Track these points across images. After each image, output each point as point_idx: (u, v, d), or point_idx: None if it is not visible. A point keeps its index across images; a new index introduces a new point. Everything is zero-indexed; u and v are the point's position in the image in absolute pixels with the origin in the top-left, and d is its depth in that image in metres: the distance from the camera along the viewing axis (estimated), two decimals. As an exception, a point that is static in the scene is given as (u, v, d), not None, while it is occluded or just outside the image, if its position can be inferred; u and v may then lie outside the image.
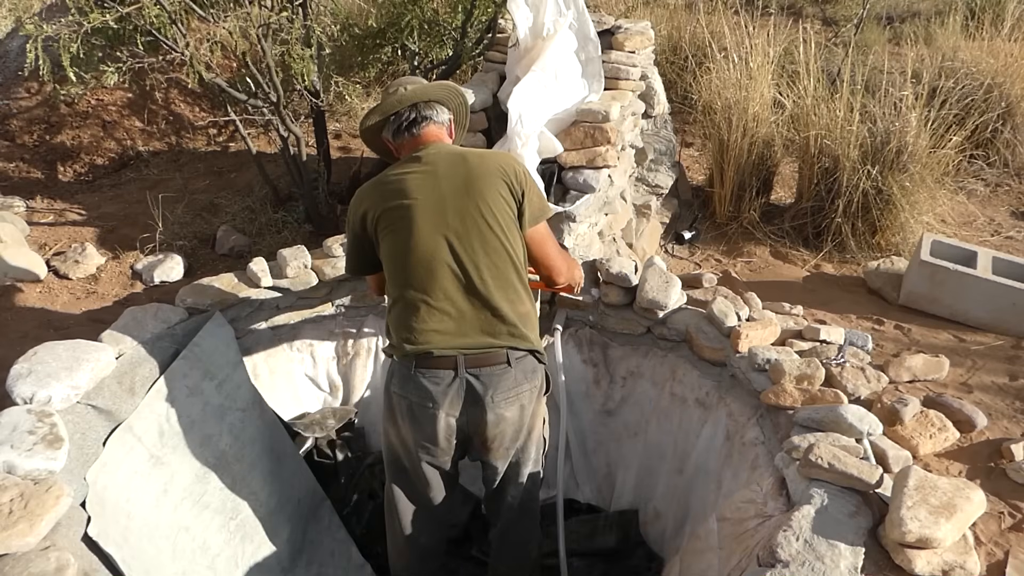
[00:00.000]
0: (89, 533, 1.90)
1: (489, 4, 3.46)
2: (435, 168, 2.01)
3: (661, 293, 2.68)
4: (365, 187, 2.10)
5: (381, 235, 2.03)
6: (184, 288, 2.78)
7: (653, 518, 2.81)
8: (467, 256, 1.96)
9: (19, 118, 4.52)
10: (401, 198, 1.99)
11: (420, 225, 1.96)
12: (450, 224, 1.96)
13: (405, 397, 2.01)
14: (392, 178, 2.04)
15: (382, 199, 2.02)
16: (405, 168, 2.04)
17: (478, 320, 1.97)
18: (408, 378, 1.99)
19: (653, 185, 3.68)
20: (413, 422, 2.02)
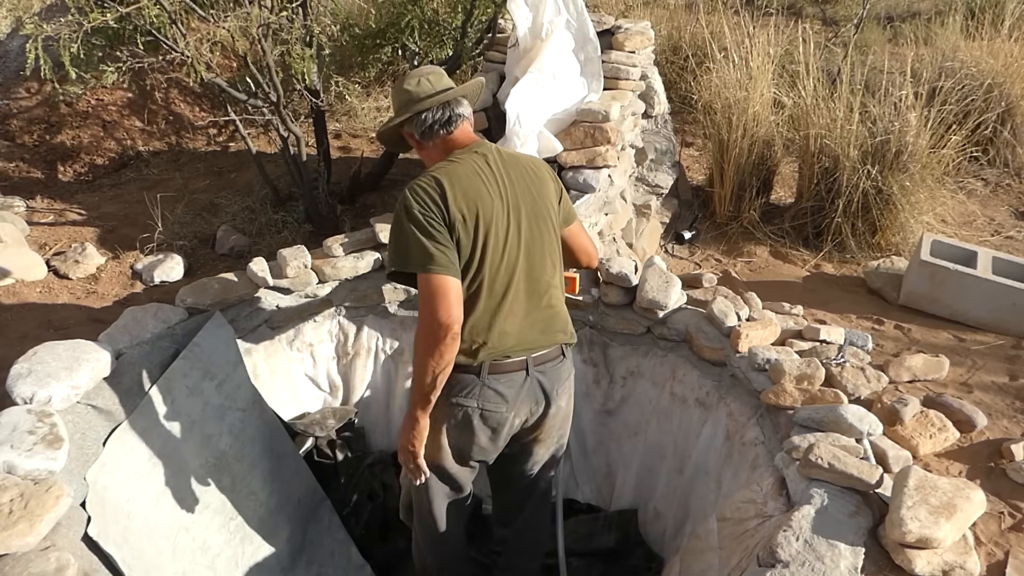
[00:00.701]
0: (89, 533, 1.90)
1: (489, 4, 3.46)
2: (505, 170, 1.94)
3: (661, 293, 2.68)
4: (446, 183, 1.83)
5: (475, 238, 1.84)
6: (184, 288, 2.78)
7: (653, 518, 2.81)
8: (537, 258, 1.96)
9: (19, 118, 4.52)
10: (488, 198, 1.87)
11: (507, 228, 1.89)
12: (523, 228, 1.93)
13: (469, 406, 1.96)
14: (471, 176, 1.87)
15: (475, 201, 1.84)
16: (475, 164, 1.90)
17: (541, 319, 1.99)
18: (477, 386, 1.94)
19: (653, 185, 3.68)
20: (476, 429, 2.00)
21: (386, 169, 4.02)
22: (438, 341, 1.76)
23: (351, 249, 3.01)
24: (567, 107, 3.00)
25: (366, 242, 3.05)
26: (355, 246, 3.02)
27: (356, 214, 3.73)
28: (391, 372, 3.10)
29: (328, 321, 3.03)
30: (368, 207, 3.82)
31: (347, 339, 3.06)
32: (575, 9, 3.06)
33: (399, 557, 2.97)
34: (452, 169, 1.88)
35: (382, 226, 3.05)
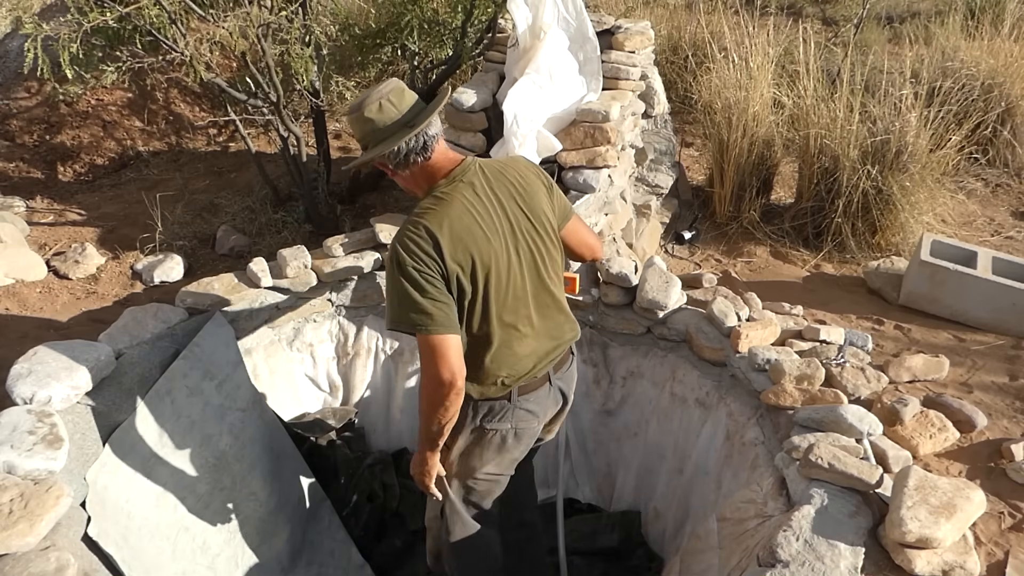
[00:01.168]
0: (89, 533, 1.91)
1: (489, 4, 3.45)
2: (495, 195, 1.85)
3: (661, 293, 2.68)
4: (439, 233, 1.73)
5: (475, 284, 1.79)
6: (184, 288, 2.78)
7: (653, 518, 2.82)
8: (541, 275, 1.93)
9: (19, 118, 4.52)
10: (485, 238, 1.79)
11: (508, 260, 1.84)
12: (522, 252, 1.88)
13: (503, 428, 2.00)
14: (462, 216, 1.78)
15: (470, 246, 1.76)
16: (465, 199, 1.80)
17: (551, 328, 1.99)
18: (509, 410, 1.97)
19: (653, 185, 3.68)
20: (510, 448, 2.05)
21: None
22: (443, 398, 1.75)
23: (351, 249, 3.01)
24: (566, 107, 3.00)
25: (366, 242, 3.05)
26: (355, 246, 3.02)
27: (356, 214, 3.73)
28: (391, 372, 3.10)
29: (328, 321, 3.03)
30: (368, 207, 3.82)
31: (347, 339, 3.06)
32: (574, 9, 3.05)
33: (397, 557, 2.98)
34: (442, 213, 1.76)
35: (382, 226, 3.05)
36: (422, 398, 1.78)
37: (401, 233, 1.76)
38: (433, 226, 1.74)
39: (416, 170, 1.85)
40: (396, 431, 3.16)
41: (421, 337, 1.72)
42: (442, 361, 1.72)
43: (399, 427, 3.14)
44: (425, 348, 1.73)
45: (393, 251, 1.75)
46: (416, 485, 2.06)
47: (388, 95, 1.80)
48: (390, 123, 1.80)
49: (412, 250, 1.72)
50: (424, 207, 1.81)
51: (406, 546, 3.01)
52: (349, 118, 1.86)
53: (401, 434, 3.15)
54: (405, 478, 3.09)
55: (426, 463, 1.95)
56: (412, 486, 3.04)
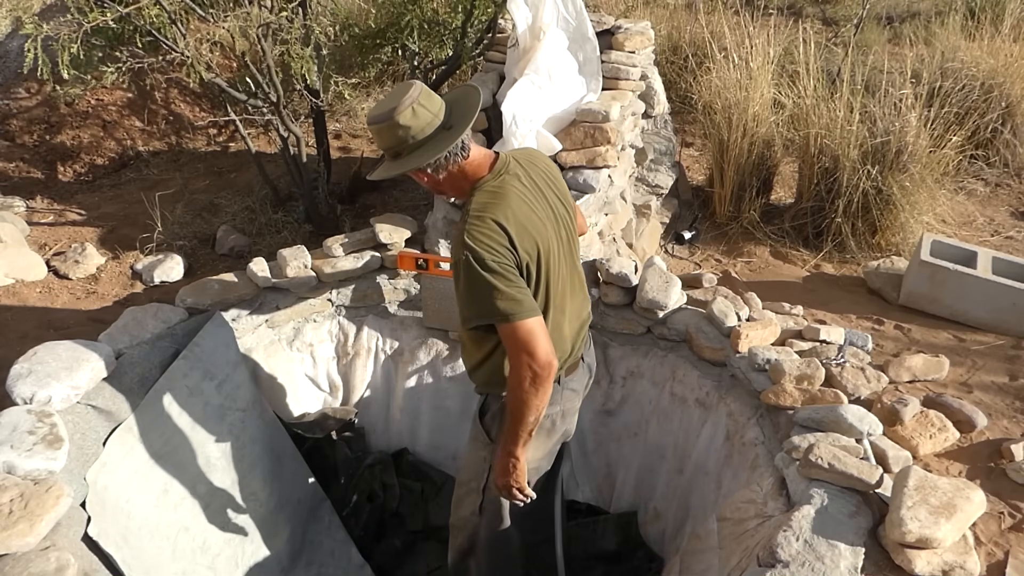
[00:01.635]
0: (89, 533, 1.91)
1: (489, 4, 3.45)
2: (532, 181, 1.89)
3: (661, 293, 2.68)
4: (507, 224, 1.75)
5: (539, 271, 1.83)
6: (184, 288, 2.78)
7: (653, 518, 2.81)
8: (572, 255, 1.99)
9: (19, 118, 4.52)
10: (542, 225, 1.84)
11: (557, 245, 1.88)
12: (560, 231, 1.92)
13: (554, 412, 2.01)
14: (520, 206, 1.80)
15: (532, 233, 1.80)
16: (517, 190, 1.82)
17: (578, 307, 2.04)
18: (557, 392, 1.99)
19: (653, 185, 3.68)
20: (558, 429, 2.07)
21: (386, 169, 4.02)
22: (544, 380, 1.74)
23: (351, 249, 3.01)
24: (565, 107, 3.00)
25: (366, 242, 3.05)
26: (355, 246, 3.02)
27: (356, 214, 3.73)
28: (391, 372, 3.10)
29: (328, 321, 3.03)
30: (368, 207, 3.82)
31: (347, 339, 3.06)
32: (574, 9, 3.05)
33: (397, 557, 2.98)
34: (503, 205, 1.77)
35: (382, 226, 3.05)
36: (519, 391, 1.75)
37: (471, 231, 1.73)
38: (500, 218, 1.74)
39: (455, 171, 1.82)
40: (396, 431, 3.16)
41: (513, 325, 1.71)
42: (539, 343, 1.72)
43: (399, 427, 3.14)
44: (520, 335, 1.72)
45: (468, 249, 1.71)
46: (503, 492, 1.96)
47: (418, 99, 1.75)
48: (428, 128, 1.77)
49: (488, 245, 1.72)
50: (482, 202, 1.79)
51: (406, 546, 3.01)
52: (378, 127, 1.77)
53: (401, 434, 3.15)
54: (405, 478, 3.09)
55: (519, 463, 1.89)
56: (412, 486, 3.07)
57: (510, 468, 1.90)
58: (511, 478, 1.91)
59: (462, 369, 3.00)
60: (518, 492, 1.95)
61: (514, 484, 1.93)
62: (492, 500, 2.13)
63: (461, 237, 1.74)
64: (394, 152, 1.81)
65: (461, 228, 1.76)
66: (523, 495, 1.96)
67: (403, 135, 1.75)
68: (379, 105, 1.80)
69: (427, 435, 3.13)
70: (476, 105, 1.83)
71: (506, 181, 1.82)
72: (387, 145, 1.81)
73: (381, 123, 1.76)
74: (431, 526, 3.03)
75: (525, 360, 1.72)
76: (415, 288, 3.08)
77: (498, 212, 1.75)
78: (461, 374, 3.01)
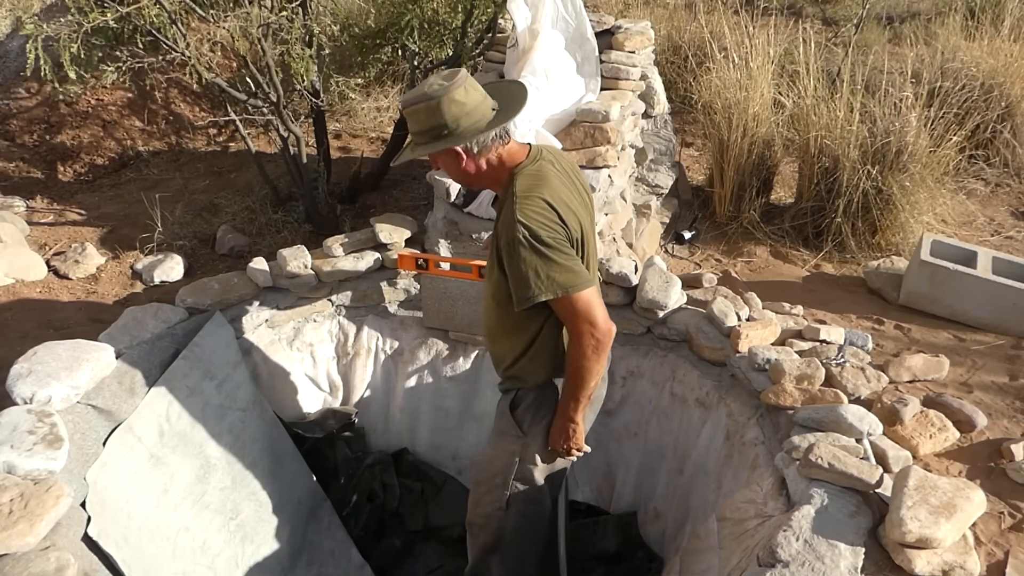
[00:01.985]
0: (89, 533, 1.91)
1: (489, 4, 3.45)
2: (563, 168, 1.96)
3: (661, 293, 2.68)
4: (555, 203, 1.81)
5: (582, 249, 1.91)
6: (184, 288, 2.78)
7: (653, 518, 2.81)
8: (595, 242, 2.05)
9: (19, 118, 4.52)
10: (580, 206, 1.93)
11: (592, 226, 1.98)
12: (592, 220, 2.01)
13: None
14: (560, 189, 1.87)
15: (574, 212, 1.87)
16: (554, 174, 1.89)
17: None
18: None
19: (653, 185, 3.68)
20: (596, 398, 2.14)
21: (386, 169, 4.02)
22: (606, 347, 1.84)
23: (351, 249, 3.01)
24: (564, 107, 3.00)
25: (366, 242, 3.05)
26: (355, 246, 3.02)
27: (356, 214, 3.73)
28: (391, 372, 3.10)
29: (328, 321, 3.03)
30: (368, 207, 3.82)
31: (347, 339, 3.06)
32: (573, 9, 3.05)
33: (397, 557, 2.98)
34: (547, 186, 1.83)
35: (382, 226, 3.05)
36: (583, 360, 1.83)
37: (523, 209, 1.77)
38: (548, 197, 1.80)
39: (494, 156, 1.85)
40: (396, 431, 3.16)
41: (572, 296, 1.77)
42: (598, 311, 1.80)
43: (399, 427, 3.14)
44: (580, 305, 1.78)
45: (524, 227, 1.75)
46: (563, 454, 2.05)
47: (467, 81, 1.78)
48: (481, 108, 1.80)
49: (542, 222, 1.77)
50: (526, 184, 1.83)
51: (406, 546, 3.01)
52: (427, 105, 1.76)
53: (401, 434, 3.15)
54: (405, 478, 3.09)
55: (578, 427, 1.98)
56: (412, 486, 3.07)
57: (571, 432, 1.99)
58: (572, 441, 2.01)
59: (462, 369, 3.00)
60: (576, 452, 2.05)
61: (574, 446, 2.02)
62: (519, 494, 2.13)
63: (512, 217, 1.77)
64: (437, 132, 1.80)
65: (510, 209, 1.79)
66: (580, 452, 2.07)
67: (456, 112, 1.76)
68: (420, 87, 1.80)
69: (427, 435, 3.13)
70: (524, 94, 1.89)
71: (542, 167, 1.88)
72: (431, 125, 1.79)
73: (431, 100, 1.75)
74: (431, 526, 3.04)
75: (587, 329, 1.79)
76: (415, 288, 3.08)
77: (544, 191, 1.81)
78: (461, 374, 3.01)
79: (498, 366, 2.12)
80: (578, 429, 1.99)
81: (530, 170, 1.87)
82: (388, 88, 5.10)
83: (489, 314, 2.06)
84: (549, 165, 1.90)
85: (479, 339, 2.95)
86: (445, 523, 3.02)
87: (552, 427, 2.03)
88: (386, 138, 4.26)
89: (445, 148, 1.81)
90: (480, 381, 3.00)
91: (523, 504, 2.16)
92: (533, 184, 1.83)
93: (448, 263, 2.78)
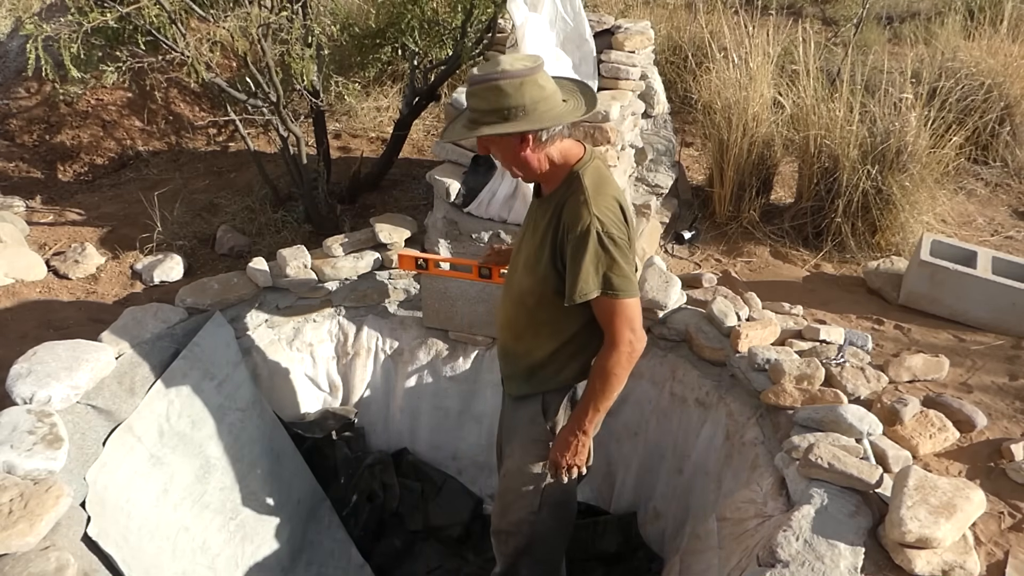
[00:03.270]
0: (89, 533, 1.91)
1: (489, 4, 3.45)
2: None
3: (661, 293, 2.68)
4: (622, 202, 1.82)
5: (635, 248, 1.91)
6: (184, 288, 2.78)
7: (653, 518, 2.81)
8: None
9: (19, 118, 4.52)
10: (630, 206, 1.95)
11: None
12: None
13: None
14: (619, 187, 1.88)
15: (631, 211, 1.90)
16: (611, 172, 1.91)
17: None
18: None
19: (653, 185, 3.67)
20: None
21: (386, 169, 4.02)
22: (637, 357, 1.83)
23: (351, 249, 3.01)
24: None
25: (366, 242, 3.05)
26: (355, 246, 3.02)
27: (356, 214, 3.73)
28: (391, 372, 3.10)
29: (328, 321, 3.03)
30: (368, 207, 3.82)
31: (347, 339, 3.06)
32: (572, 9, 3.05)
33: (397, 557, 2.98)
34: (613, 184, 1.83)
35: (382, 226, 3.05)
36: (618, 365, 1.80)
37: (598, 204, 1.75)
38: (616, 194, 1.81)
39: (554, 150, 1.82)
40: (396, 431, 3.16)
41: (622, 302, 1.76)
42: (639, 321, 1.80)
43: (399, 427, 3.14)
44: (629, 311, 1.78)
45: (599, 222, 1.73)
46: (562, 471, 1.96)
47: (543, 63, 1.74)
48: (556, 95, 1.76)
49: (613, 220, 1.76)
50: (594, 180, 1.81)
51: (406, 546, 3.01)
52: (510, 82, 1.68)
53: (401, 434, 3.15)
54: (405, 478, 3.09)
55: (589, 440, 1.93)
56: (412, 486, 3.07)
57: (579, 447, 1.92)
58: (577, 457, 1.94)
59: (462, 369, 3.00)
60: (576, 470, 1.97)
61: (577, 463, 1.95)
62: (552, 498, 2.12)
63: (585, 211, 1.74)
64: (508, 114, 1.71)
65: (578, 204, 1.76)
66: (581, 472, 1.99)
67: (536, 95, 1.71)
68: (494, 63, 1.73)
69: (427, 435, 3.13)
70: (594, 91, 1.89)
71: (598, 166, 1.86)
72: (508, 104, 1.70)
73: (515, 78, 1.68)
74: (431, 526, 3.04)
75: (628, 336, 1.78)
76: (415, 288, 3.08)
77: (613, 189, 1.81)
78: (461, 374, 3.01)
79: (516, 364, 2.05)
80: (587, 444, 1.93)
81: (592, 167, 1.84)
82: (388, 88, 5.10)
83: (517, 309, 1.98)
84: (602, 163, 1.88)
85: (479, 339, 2.95)
86: (445, 523, 3.03)
87: (557, 437, 1.96)
88: (386, 138, 4.26)
89: (515, 131, 1.73)
90: (480, 381, 3.00)
91: (555, 507, 2.15)
92: (600, 181, 1.81)
93: (448, 263, 2.78)
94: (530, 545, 2.21)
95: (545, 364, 1.98)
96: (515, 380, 2.08)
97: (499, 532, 2.25)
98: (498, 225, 2.92)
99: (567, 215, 1.79)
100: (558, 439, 1.95)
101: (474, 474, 3.13)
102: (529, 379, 2.03)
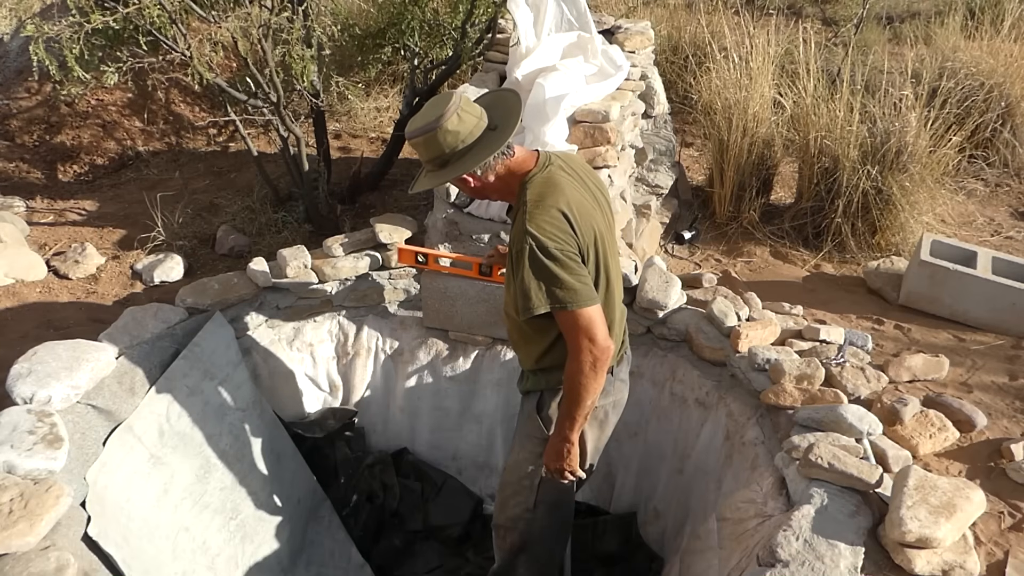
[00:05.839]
0: (89, 533, 1.91)
1: (489, 4, 3.45)
2: (575, 172, 1.93)
3: (661, 293, 2.68)
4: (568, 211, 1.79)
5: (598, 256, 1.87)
6: (184, 288, 2.78)
7: (653, 518, 2.81)
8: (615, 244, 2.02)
9: (19, 118, 4.52)
10: (595, 210, 1.90)
11: (609, 234, 1.95)
12: (605, 221, 1.97)
13: (607, 403, 2.06)
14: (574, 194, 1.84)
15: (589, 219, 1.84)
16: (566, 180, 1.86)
17: (619, 296, 2.04)
18: (610, 383, 2.03)
19: (653, 185, 3.67)
20: (611, 422, 2.12)
21: (386, 169, 4.02)
22: (603, 365, 1.79)
23: (351, 249, 3.01)
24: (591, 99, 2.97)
25: (366, 242, 3.05)
26: (355, 246, 3.02)
27: (356, 214, 3.73)
28: (391, 372, 3.10)
29: (328, 321, 3.03)
30: (368, 207, 3.82)
31: (347, 339, 3.06)
32: (576, 11, 3.05)
33: (397, 557, 2.98)
34: (559, 193, 1.81)
35: (382, 226, 3.05)
36: (579, 377, 1.80)
37: (534, 219, 1.75)
38: (560, 204, 1.78)
39: (502, 171, 1.85)
40: (396, 431, 3.16)
41: (572, 313, 1.75)
42: (598, 329, 1.77)
43: (399, 427, 3.14)
44: (581, 322, 1.76)
45: (532, 237, 1.74)
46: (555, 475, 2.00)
47: (461, 105, 1.78)
48: (476, 131, 1.80)
49: (551, 233, 1.75)
50: (538, 192, 1.81)
51: (405, 546, 3.01)
52: (424, 138, 1.78)
53: (401, 434, 3.15)
54: (405, 478, 3.09)
55: (573, 447, 1.94)
56: (412, 486, 3.07)
57: (565, 452, 1.95)
58: (565, 462, 1.97)
59: (462, 369, 3.00)
60: (570, 475, 2.00)
61: (567, 468, 1.98)
62: (547, 493, 2.14)
63: (523, 226, 1.75)
64: (441, 161, 1.82)
65: (521, 219, 1.78)
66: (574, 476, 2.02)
67: (452, 141, 1.77)
68: (418, 118, 1.82)
69: (427, 435, 3.13)
70: (518, 106, 1.87)
71: (553, 173, 1.86)
72: (434, 155, 1.81)
73: (428, 132, 1.77)
74: (431, 526, 3.04)
75: (586, 345, 1.76)
76: (415, 288, 3.08)
77: (557, 199, 1.79)
78: (461, 374, 3.01)
79: (521, 363, 2.16)
80: (573, 450, 1.95)
81: (540, 178, 1.84)
82: (388, 88, 5.10)
83: (508, 320, 2.07)
84: (559, 171, 1.87)
85: (479, 339, 2.95)
86: (445, 523, 3.03)
87: (547, 446, 1.99)
88: (386, 138, 4.27)
89: (449, 178, 1.83)
90: (480, 381, 3.00)
91: (550, 505, 2.17)
92: (544, 192, 1.81)
93: (448, 259, 2.77)
94: (526, 544, 2.23)
95: (538, 366, 2.05)
96: (522, 377, 2.18)
97: (497, 527, 2.29)
98: (498, 225, 2.91)
99: (512, 231, 1.85)
100: (548, 445, 2.00)
101: (474, 474, 3.13)
102: (531, 377, 2.11)
